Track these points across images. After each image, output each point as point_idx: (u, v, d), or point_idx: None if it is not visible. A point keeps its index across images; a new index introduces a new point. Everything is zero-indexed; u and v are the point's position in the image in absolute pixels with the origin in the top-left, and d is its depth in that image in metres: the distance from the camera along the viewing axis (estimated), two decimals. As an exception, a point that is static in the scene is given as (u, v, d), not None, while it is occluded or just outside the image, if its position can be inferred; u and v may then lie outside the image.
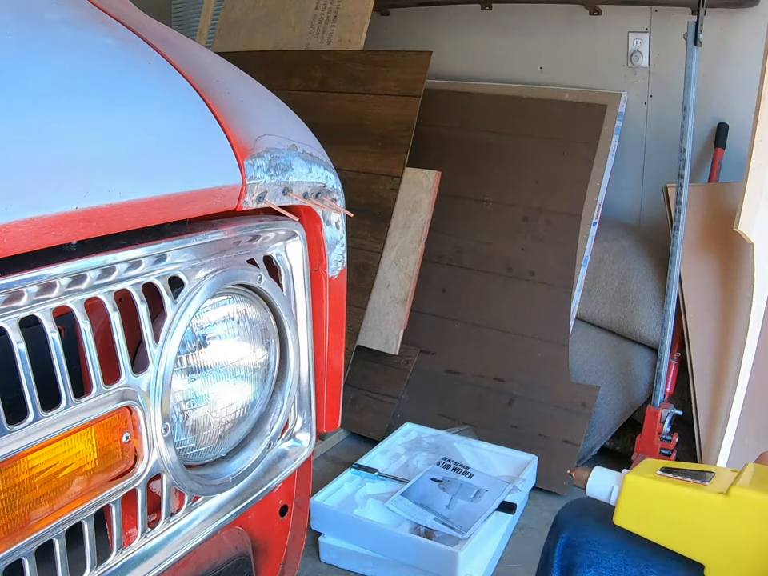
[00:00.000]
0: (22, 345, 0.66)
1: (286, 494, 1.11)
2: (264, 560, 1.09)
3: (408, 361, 2.46)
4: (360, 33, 2.54)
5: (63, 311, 0.71)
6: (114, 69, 0.83)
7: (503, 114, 2.51)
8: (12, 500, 0.68)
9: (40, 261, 0.67)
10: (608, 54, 2.47)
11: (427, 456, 2.16)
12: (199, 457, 0.92)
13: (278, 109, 1.02)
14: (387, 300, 2.41)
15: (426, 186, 2.40)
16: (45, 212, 0.65)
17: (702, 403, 2.14)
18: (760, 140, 1.82)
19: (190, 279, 0.83)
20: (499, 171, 2.46)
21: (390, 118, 2.42)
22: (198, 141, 0.84)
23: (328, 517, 1.90)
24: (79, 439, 0.74)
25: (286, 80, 2.61)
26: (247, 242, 0.91)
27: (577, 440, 2.19)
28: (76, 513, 0.74)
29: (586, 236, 2.29)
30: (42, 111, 0.71)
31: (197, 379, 0.88)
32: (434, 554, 1.75)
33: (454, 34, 2.73)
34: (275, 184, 0.89)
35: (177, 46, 0.94)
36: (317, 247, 1.02)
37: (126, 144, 0.76)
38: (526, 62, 2.61)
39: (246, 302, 0.92)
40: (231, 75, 1.00)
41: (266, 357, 0.96)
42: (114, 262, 0.74)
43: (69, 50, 0.82)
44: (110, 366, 0.76)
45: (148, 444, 0.80)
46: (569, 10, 2.49)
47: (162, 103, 0.84)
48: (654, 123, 2.44)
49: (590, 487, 0.92)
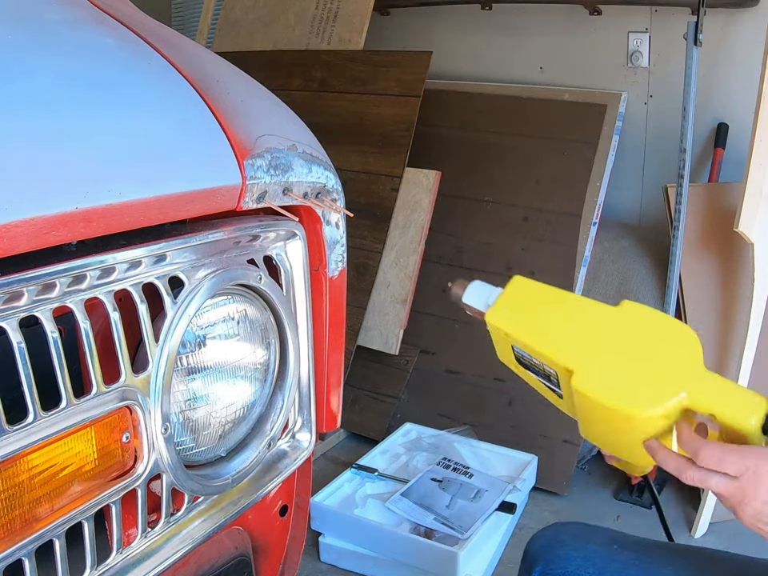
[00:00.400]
0: (22, 345, 0.66)
1: (286, 494, 1.11)
2: (264, 560, 1.09)
3: (408, 361, 2.46)
4: (360, 33, 2.54)
5: (63, 311, 0.71)
6: (114, 69, 0.83)
7: (503, 113, 2.51)
8: (12, 500, 0.68)
9: (40, 261, 0.67)
10: (608, 53, 2.46)
11: (427, 456, 2.16)
12: (199, 457, 0.92)
13: (278, 109, 1.02)
14: (387, 300, 2.41)
15: (425, 185, 2.40)
16: (45, 212, 0.65)
17: (702, 403, 2.13)
18: (760, 140, 1.82)
19: (190, 279, 0.83)
20: (499, 171, 2.46)
21: (390, 118, 2.42)
22: (198, 141, 0.84)
23: (328, 517, 1.90)
24: (79, 439, 0.74)
25: (286, 80, 2.61)
26: (247, 242, 0.91)
27: (577, 440, 2.19)
28: (76, 513, 0.74)
29: (586, 236, 2.29)
30: (42, 111, 0.71)
31: (197, 379, 0.88)
32: (434, 554, 1.75)
33: (454, 34, 2.73)
34: (275, 184, 0.89)
35: (177, 46, 0.94)
36: (317, 247, 1.02)
37: (126, 144, 0.76)
38: (526, 62, 2.61)
39: (246, 301, 0.92)
40: (231, 75, 1.00)
41: (265, 357, 0.96)
42: (113, 262, 0.74)
43: (69, 50, 0.82)
44: (110, 365, 0.76)
45: (148, 444, 0.80)
46: (569, 9, 2.49)
47: (161, 103, 0.84)
48: (653, 123, 2.44)
49: (467, 295, 0.89)
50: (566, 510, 2.11)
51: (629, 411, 0.75)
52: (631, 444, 0.79)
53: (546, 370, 0.83)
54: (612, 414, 0.76)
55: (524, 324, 0.84)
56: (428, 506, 1.92)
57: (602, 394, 0.76)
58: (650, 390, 0.76)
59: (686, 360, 0.78)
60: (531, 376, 0.88)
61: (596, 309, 0.84)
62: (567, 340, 0.81)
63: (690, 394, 0.74)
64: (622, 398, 0.75)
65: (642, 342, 0.80)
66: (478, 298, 0.88)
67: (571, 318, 0.84)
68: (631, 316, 0.82)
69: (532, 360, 0.84)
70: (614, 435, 0.82)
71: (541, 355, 0.82)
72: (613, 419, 0.77)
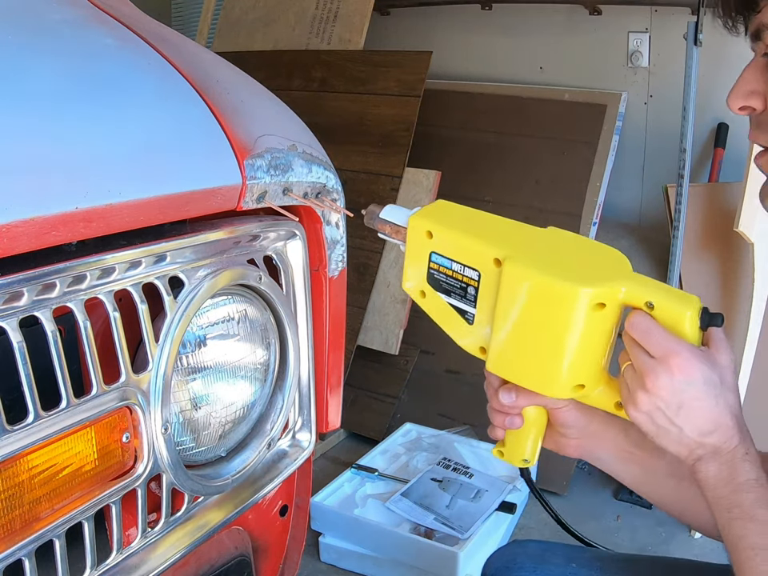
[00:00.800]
0: (22, 345, 0.66)
1: (286, 494, 1.11)
2: (264, 560, 1.09)
3: (408, 361, 2.46)
4: (360, 33, 2.55)
5: (63, 311, 0.71)
6: (114, 69, 0.83)
7: (503, 113, 2.51)
8: (12, 500, 0.68)
9: (40, 261, 0.67)
10: (608, 54, 2.46)
11: (427, 456, 2.16)
12: (199, 457, 0.92)
13: (278, 109, 1.02)
14: (387, 300, 2.41)
15: (425, 186, 2.40)
16: (45, 212, 0.65)
17: (702, 403, 2.13)
18: (760, 140, 1.82)
19: (190, 279, 0.83)
20: (499, 171, 2.46)
21: (389, 118, 2.42)
22: (197, 141, 0.84)
23: (328, 517, 1.90)
24: (79, 439, 0.74)
25: (286, 80, 2.61)
26: (247, 242, 0.91)
27: (577, 440, 2.19)
28: (76, 513, 0.74)
29: (586, 236, 2.29)
30: (41, 111, 0.71)
31: (197, 379, 0.88)
32: (434, 554, 1.75)
33: (454, 34, 2.73)
34: (275, 184, 0.89)
35: (177, 46, 0.94)
36: (317, 247, 1.01)
37: (126, 144, 0.76)
38: (526, 62, 2.61)
39: (246, 301, 0.92)
40: (231, 75, 1.00)
41: (265, 357, 0.96)
42: (114, 262, 0.74)
43: (69, 49, 0.82)
44: (110, 365, 0.76)
45: (148, 444, 0.80)
46: (569, 10, 2.49)
47: (161, 103, 0.84)
48: (653, 123, 2.44)
49: (385, 212, 0.86)
50: (566, 510, 2.11)
51: (568, 289, 0.71)
52: (552, 361, 0.74)
53: (466, 278, 0.79)
54: (544, 303, 0.72)
55: (451, 222, 0.81)
56: (428, 506, 1.93)
57: (539, 270, 0.72)
58: (589, 274, 0.73)
59: (617, 265, 0.76)
60: (440, 302, 0.82)
61: (524, 225, 0.81)
62: (498, 235, 0.78)
63: (628, 289, 0.71)
64: (561, 276, 0.72)
65: (574, 249, 0.78)
66: (397, 214, 0.86)
67: (499, 224, 0.81)
68: (560, 234, 0.81)
69: (451, 268, 0.80)
70: (535, 349, 0.75)
71: (467, 251, 0.78)
72: (541, 315, 0.73)
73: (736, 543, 0.71)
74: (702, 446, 0.72)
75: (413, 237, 0.83)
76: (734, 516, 0.71)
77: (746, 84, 0.79)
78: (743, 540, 0.70)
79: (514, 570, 0.97)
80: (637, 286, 0.72)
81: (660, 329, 0.70)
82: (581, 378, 0.76)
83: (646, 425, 0.73)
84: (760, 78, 0.78)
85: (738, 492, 0.71)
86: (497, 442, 0.90)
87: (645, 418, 0.72)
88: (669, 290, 0.73)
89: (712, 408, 0.71)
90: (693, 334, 0.72)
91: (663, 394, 0.70)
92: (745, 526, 0.70)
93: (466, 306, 0.80)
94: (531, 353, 0.76)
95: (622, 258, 0.77)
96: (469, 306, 0.80)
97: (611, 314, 0.73)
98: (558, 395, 0.79)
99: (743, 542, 0.70)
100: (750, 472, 0.71)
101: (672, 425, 0.71)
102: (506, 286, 0.75)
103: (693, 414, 0.71)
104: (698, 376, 0.70)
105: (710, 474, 0.72)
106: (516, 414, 0.85)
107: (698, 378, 0.70)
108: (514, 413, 0.85)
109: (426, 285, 0.83)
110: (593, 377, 0.76)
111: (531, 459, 0.89)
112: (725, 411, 0.71)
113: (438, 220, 0.82)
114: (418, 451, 2.20)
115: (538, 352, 0.75)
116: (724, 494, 0.72)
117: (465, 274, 0.79)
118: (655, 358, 0.70)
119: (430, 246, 0.81)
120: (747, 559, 0.70)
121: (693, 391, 0.70)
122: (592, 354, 0.75)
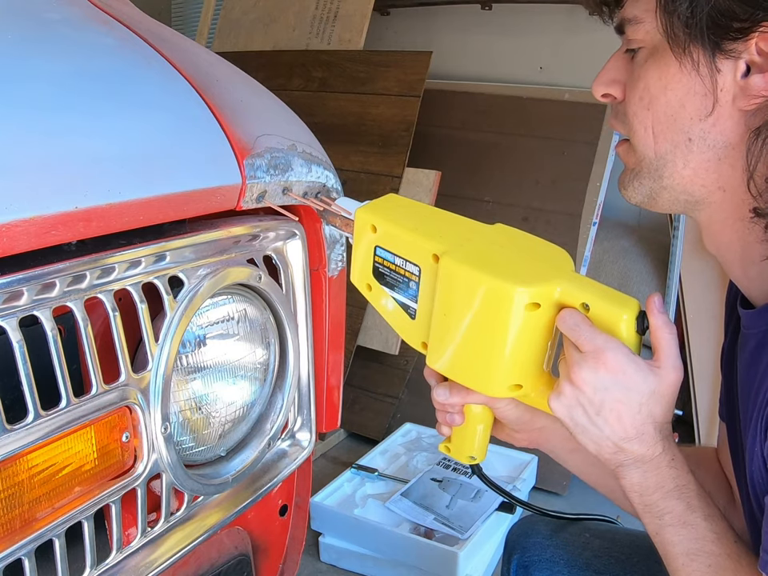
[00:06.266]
0: (21, 344, 0.66)
1: (285, 494, 1.11)
2: (264, 560, 1.09)
3: (408, 361, 2.46)
4: (360, 33, 2.55)
5: (63, 311, 0.71)
6: (114, 69, 0.83)
7: (503, 113, 2.51)
8: (12, 499, 0.68)
9: (40, 261, 0.67)
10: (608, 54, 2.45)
11: (427, 456, 2.16)
12: (199, 456, 0.92)
13: (277, 109, 1.02)
14: (387, 300, 2.41)
15: (426, 185, 2.40)
16: (45, 212, 0.65)
17: (702, 403, 2.14)
18: (760, 140, 1.81)
19: (190, 279, 0.83)
20: (499, 171, 2.46)
21: (389, 118, 2.42)
22: (197, 140, 0.84)
23: (328, 517, 1.90)
24: (79, 439, 0.74)
25: (286, 80, 2.61)
26: (247, 241, 0.91)
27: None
28: (76, 512, 0.74)
29: (586, 236, 2.29)
30: (41, 111, 0.71)
31: (197, 379, 0.88)
32: (434, 554, 1.75)
33: (454, 34, 2.73)
34: (275, 183, 0.89)
35: (177, 46, 0.94)
36: (317, 247, 1.02)
37: (126, 143, 0.76)
38: (526, 62, 2.61)
39: (246, 301, 0.92)
40: (231, 75, 1.00)
41: (265, 356, 0.96)
42: (113, 261, 0.74)
43: (69, 49, 0.82)
44: (110, 365, 0.76)
45: (148, 444, 0.80)
46: (569, 9, 2.49)
47: (161, 103, 0.84)
48: (653, 123, 2.44)
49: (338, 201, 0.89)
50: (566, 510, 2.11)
51: (501, 287, 0.69)
52: (488, 360, 0.73)
53: (408, 273, 0.78)
54: (478, 301, 0.71)
55: (395, 217, 0.81)
56: (428, 506, 1.93)
57: (475, 267, 0.71)
58: (526, 273, 0.72)
59: (558, 265, 0.75)
60: (385, 296, 0.82)
61: (470, 221, 0.81)
62: (440, 230, 0.78)
63: (564, 290, 0.71)
64: (496, 274, 0.71)
65: (516, 247, 0.78)
66: (348, 204, 0.88)
67: (444, 220, 0.81)
68: (506, 231, 0.80)
69: (394, 262, 0.79)
70: (471, 347, 0.74)
71: (409, 246, 0.78)
72: (476, 313, 0.72)
73: (669, 550, 0.70)
74: (623, 451, 0.70)
75: (359, 230, 0.84)
76: (665, 523, 0.70)
77: (608, 73, 0.81)
78: (677, 546, 0.69)
79: (532, 536, 0.99)
80: (573, 286, 0.71)
81: (589, 325, 0.69)
82: (518, 377, 0.74)
83: (565, 418, 0.71)
84: (621, 69, 0.79)
85: (668, 499, 0.70)
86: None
87: (565, 411, 0.71)
88: (606, 292, 0.72)
89: (634, 414, 0.69)
90: (629, 338, 0.70)
91: (586, 388, 0.69)
92: (678, 532, 0.69)
93: (409, 301, 0.80)
94: (468, 350, 0.75)
95: (565, 258, 0.76)
96: (411, 301, 0.80)
97: (547, 314, 0.71)
98: (495, 394, 0.77)
99: (677, 548, 0.69)
100: (679, 478, 0.70)
101: (592, 423, 0.70)
102: (443, 282, 0.74)
103: (613, 416, 0.69)
104: (623, 378, 0.68)
105: (634, 480, 0.71)
106: (456, 412, 0.84)
107: (623, 379, 0.68)
108: (453, 411, 0.84)
109: (371, 278, 0.83)
110: (531, 377, 0.75)
111: (479, 455, 0.87)
112: (647, 420, 0.69)
113: (383, 214, 0.82)
114: (418, 451, 2.20)
115: (474, 350, 0.74)
116: (653, 501, 0.70)
117: (407, 268, 0.79)
118: (583, 352, 0.69)
119: (375, 240, 0.82)
120: (683, 566, 0.69)
121: (616, 392, 0.68)
122: (529, 354, 0.73)
